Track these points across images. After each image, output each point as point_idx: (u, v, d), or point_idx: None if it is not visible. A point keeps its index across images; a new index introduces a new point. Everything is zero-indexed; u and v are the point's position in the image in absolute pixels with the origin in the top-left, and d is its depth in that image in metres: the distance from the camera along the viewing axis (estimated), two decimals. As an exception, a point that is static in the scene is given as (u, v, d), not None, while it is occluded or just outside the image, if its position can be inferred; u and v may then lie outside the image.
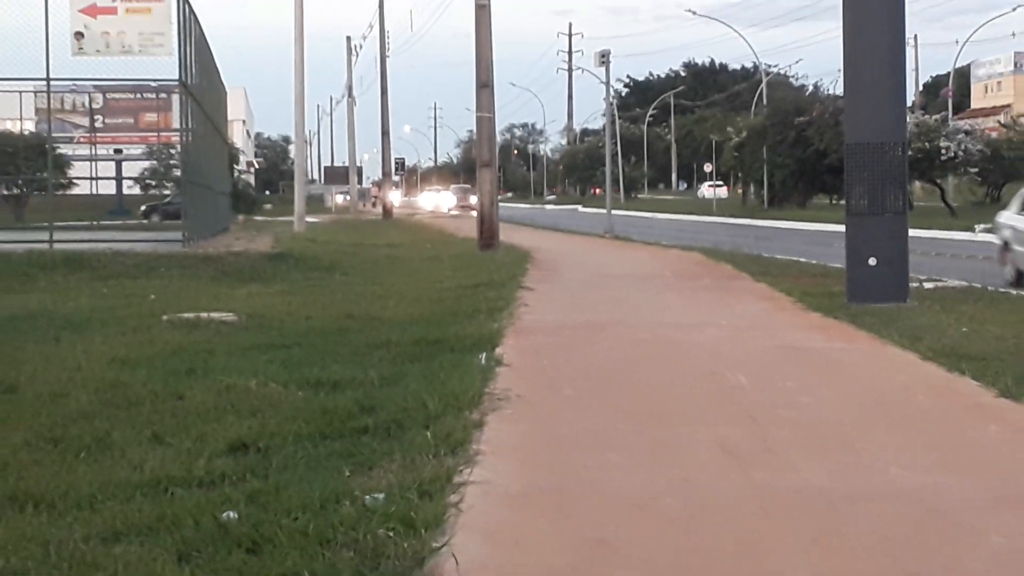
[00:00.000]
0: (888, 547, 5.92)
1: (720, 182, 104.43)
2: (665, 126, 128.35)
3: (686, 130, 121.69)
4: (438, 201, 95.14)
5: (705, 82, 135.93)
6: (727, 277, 22.58)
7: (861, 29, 16.72)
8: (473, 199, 69.67)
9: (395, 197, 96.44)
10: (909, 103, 54.26)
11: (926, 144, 54.03)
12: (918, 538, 6.07)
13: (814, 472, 7.38)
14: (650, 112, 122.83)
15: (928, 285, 19.03)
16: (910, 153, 24.41)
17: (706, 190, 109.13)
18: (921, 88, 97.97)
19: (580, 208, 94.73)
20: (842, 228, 17.46)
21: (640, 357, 12.48)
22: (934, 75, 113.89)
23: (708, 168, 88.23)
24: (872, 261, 16.66)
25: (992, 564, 5.68)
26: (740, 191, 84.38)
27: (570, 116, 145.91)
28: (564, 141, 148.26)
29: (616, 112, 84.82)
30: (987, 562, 5.71)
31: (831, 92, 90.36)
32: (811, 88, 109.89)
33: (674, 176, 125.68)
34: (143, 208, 56.54)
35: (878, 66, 16.69)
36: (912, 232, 17.78)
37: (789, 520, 6.39)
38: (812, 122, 64.41)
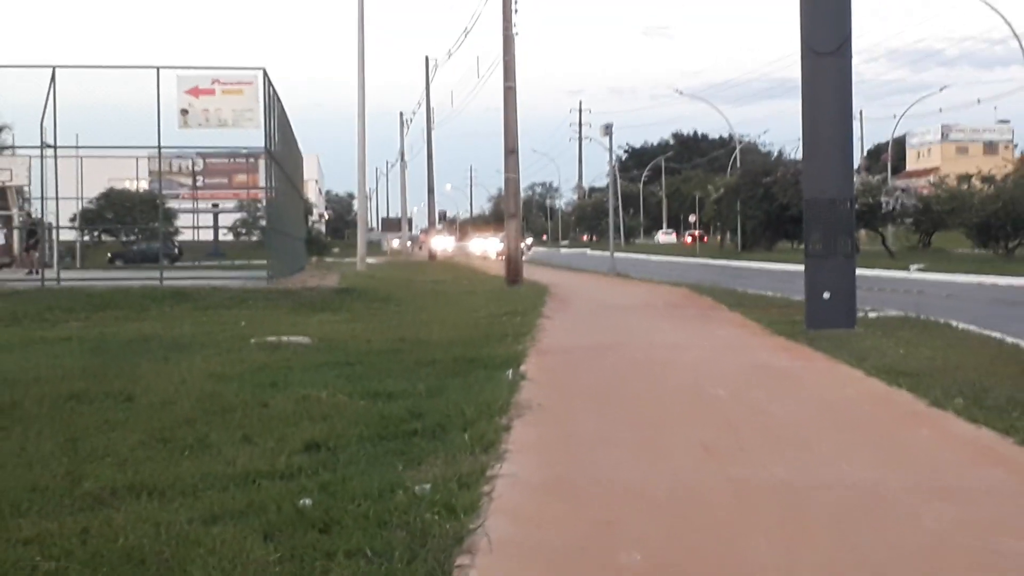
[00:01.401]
0: (839, 529, 5.90)
1: (671, 230, 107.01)
2: (657, 184, 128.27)
3: (674, 187, 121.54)
4: (486, 247, 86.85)
5: (690, 148, 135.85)
6: (708, 308, 22.54)
7: (816, 107, 16.72)
8: (524, 245, 67.98)
9: (448, 243, 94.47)
10: (856, 166, 54.13)
11: (870, 199, 53.98)
12: (864, 521, 6.05)
13: (779, 466, 7.35)
14: (645, 173, 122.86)
15: (872, 314, 18.96)
16: (856, 207, 24.31)
17: (661, 237, 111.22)
18: (865, 154, 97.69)
19: (588, 251, 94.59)
20: (802, 268, 17.43)
21: (637, 373, 12.47)
22: (876, 143, 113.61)
23: (692, 219, 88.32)
24: (826, 295, 16.61)
25: (926, 543, 5.66)
26: (690, 237, 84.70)
27: (580, 176, 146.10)
28: (575, 196, 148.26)
29: (617, 173, 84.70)
30: (922, 542, 5.68)
31: (792, 157, 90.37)
32: (776, 154, 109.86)
33: (664, 225, 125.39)
34: (109, 255, 54.61)
35: (830, 136, 16.69)
36: (859, 271, 17.73)
37: (758, 506, 6.37)
38: (777, 181, 64.35)
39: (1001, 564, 5.36)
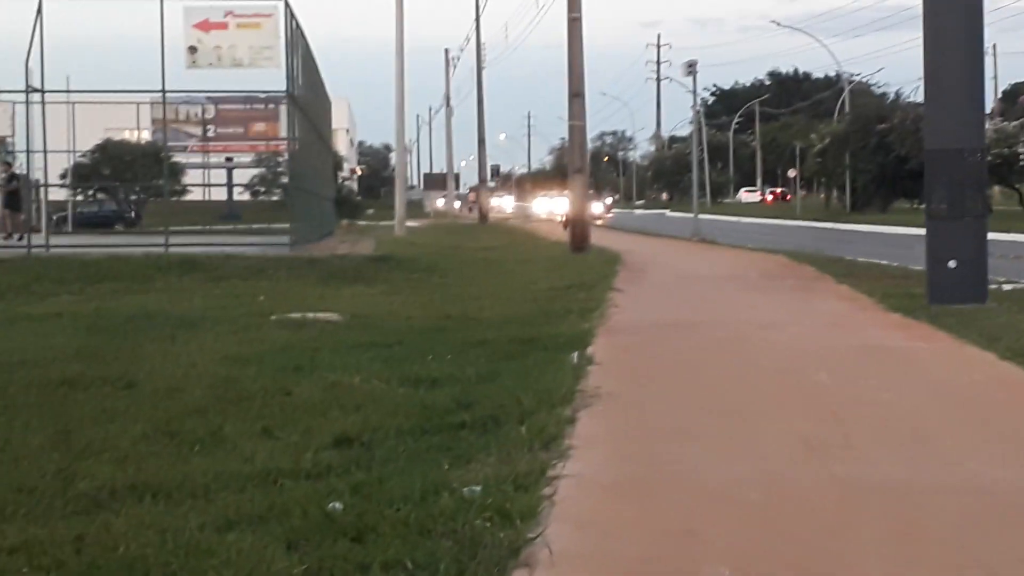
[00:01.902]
0: (965, 540, 5.87)
1: (756, 188, 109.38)
2: (750, 133, 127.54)
3: (770, 137, 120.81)
4: (552, 207, 78.10)
5: (789, 90, 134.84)
6: (810, 278, 22.44)
7: (941, 39, 16.55)
8: (598, 206, 66.23)
9: (504, 202, 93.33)
10: (988, 110, 53.53)
11: (1005, 149, 53.41)
12: (995, 532, 6.01)
13: (893, 466, 7.32)
14: (736, 120, 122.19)
15: (1007, 287, 18.79)
16: (989, 158, 24.06)
17: (744, 195, 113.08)
18: (1000, 95, 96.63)
19: (667, 213, 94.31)
20: (923, 231, 17.31)
21: (724, 354, 12.44)
22: (1013, 82, 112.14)
23: (792, 173, 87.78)
24: (952, 263, 16.48)
25: (1067, 557, 5.62)
26: (771, 195, 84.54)
27: (658, 124, 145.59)
28: (652, 148, 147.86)
29: (703, 120, 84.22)
30: (1062, 555, 5.64)
31: (912, 100, 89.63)
32: (892, 96, 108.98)
33: (759, 181, 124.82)
34: (55, 217, 53.15)
35: (957, 74, 16.52)
36: (991, 235, 17.57)
37: (868, 512, 6.34)
38: (893, 129, 63.83)
39: None
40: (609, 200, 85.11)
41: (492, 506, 6.25)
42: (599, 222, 59.41)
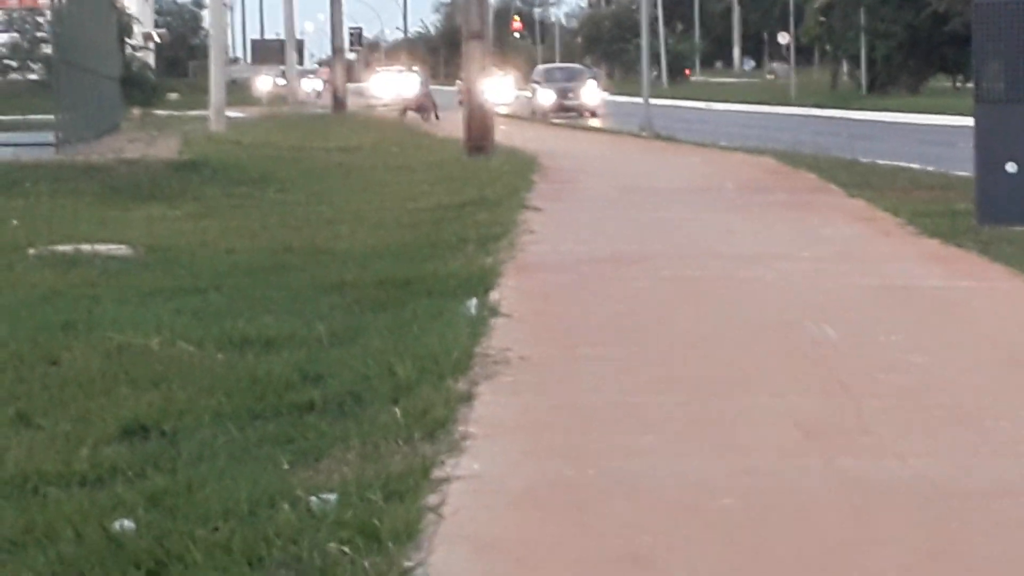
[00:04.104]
0: (1030, 562, 5.96)
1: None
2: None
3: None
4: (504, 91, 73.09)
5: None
6: (809, 190, 22.56)
7: None
8: (591, 94, 65.65)
9: (403, 83, 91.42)
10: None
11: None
12: (1071, 549, 6.10)
13: (927, 459, 7.40)
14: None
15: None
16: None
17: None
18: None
19: (605, 96, 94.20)
20: (970, 121, 17.43)
21: (687, 302, 12.50)
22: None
23: (784, 39, 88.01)
24: (1011, 167, 16.59)
25: None
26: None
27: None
28: (583, 2, 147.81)
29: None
30: None
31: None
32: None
33: (736, 51, 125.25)
34: None
35: None
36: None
37: (892, 525, 6.40)
38: (928, -28, 64.18)
39: None
40: (592, 86, 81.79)
41: (352, 522, 6.26)
42: (592, 118, 59.08)
